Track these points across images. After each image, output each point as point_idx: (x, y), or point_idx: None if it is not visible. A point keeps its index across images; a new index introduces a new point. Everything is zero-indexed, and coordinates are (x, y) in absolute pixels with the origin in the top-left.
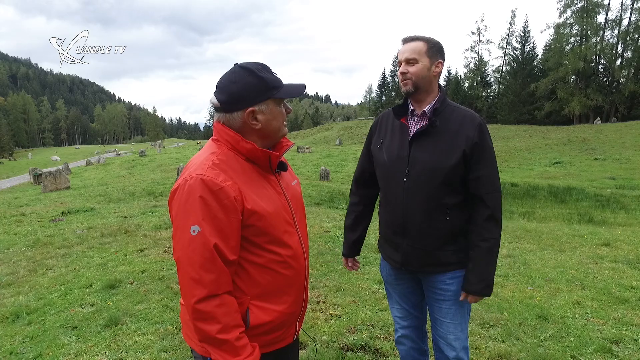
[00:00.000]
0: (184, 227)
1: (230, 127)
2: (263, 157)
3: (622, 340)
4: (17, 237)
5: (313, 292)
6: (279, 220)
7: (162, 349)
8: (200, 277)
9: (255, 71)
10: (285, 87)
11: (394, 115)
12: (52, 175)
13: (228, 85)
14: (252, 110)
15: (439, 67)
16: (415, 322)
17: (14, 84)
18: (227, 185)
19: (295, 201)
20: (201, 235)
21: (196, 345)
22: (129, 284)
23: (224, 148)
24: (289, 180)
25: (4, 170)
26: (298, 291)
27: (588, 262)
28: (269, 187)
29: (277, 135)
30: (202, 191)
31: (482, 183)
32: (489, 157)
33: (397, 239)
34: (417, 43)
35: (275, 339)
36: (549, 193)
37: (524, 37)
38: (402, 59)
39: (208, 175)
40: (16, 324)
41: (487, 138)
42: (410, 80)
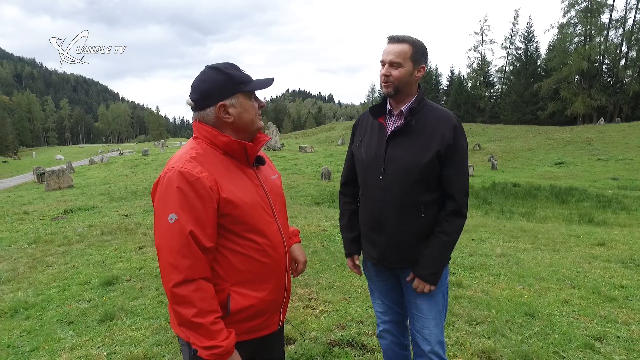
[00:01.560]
0: (162, 215)
1: (206, 123)
2: (239, 149)
3: (606, 337)
4: (19, 234)
5: (306, 289)
6: (256, 210)
7: (155, 343)
8: (177, 262)
9: (222, 69)
10: (253, 82)
11: (371, 115)
12: (56, 174)
13: (199, 85)
14: (223, 104)
15: (421, 72)
16: (396, 317)
17: (18, 83)
18: (203, 176)
19: (274, 193)
20: (178, 223)
21: (181, 332)
22: (126, 280)
23: (202, 143)
24: (269, 174)
25: (8, 169)
26: (278, 279)
27: (581, 262)
28: (246, 179)
29: (252, 128)
30: (180, 182)
31: (451, 181)
32: (461, 157)
33: (373, 235)
34: (403, 46)
35: (259, 326)
36: (551, 193)
37: (528, 37)
38: (387, 60)
39: (185, 167)
40: (14, 319)
41: (461, 139)
42: (392, 84)
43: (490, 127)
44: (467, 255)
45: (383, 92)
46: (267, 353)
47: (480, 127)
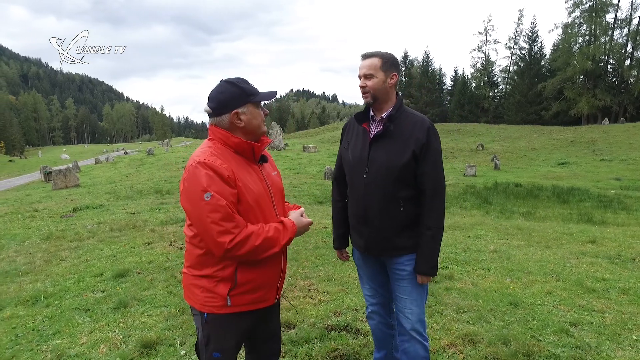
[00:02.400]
0: (199, 195)
1: (221, 127)
2: (248, 148)
3: (581, 323)
4: (32, 231)
5: (306, 281)
6: (262, 198)
7: (166, 328)
8: (224, 227)
9: (236, 83)
10: (260, 94)
11: (355, 121)
12: (62, 174)
13: (217, 96)
14: (236, 112)
15: (393, 79)
16: (382, 300)
17: (24, 83)
18: (224, 167)
19: (275, 187)
20: (214, 198)
21: (195, 303)
22: (137, 273)
23: (217, 144)
24: (270, 170)
25: (15, 168)
26: (277, 257)
27: (570, 258)
28: (253, 173)
29: (258, 132)
30: (206, 169)
31: (426, 178)
32: (434, 156)
33: (360, 227)
34: (372, 59)
35: (259, 299)
36: (552, 193)
37: (532, 36)
38: (361, 74)
39: (209, 159)
40: (36, 306)
41: (433, 139)
42: (369, 93)
43: (493, 127)
44: (460, 251)
45: (364, 102)
46: (265, 324)
47: (483, 127)
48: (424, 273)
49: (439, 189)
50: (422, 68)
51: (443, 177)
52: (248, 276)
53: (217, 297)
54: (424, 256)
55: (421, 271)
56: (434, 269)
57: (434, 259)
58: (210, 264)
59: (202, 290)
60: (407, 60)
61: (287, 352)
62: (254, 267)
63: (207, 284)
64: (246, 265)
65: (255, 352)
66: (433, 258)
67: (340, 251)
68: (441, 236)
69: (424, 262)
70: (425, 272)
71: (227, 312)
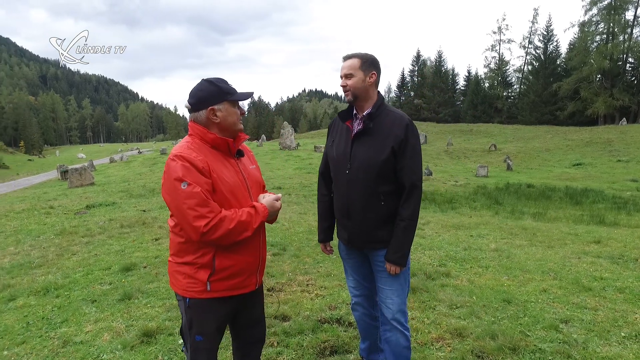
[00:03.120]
0: (176, 185)
1: (199, 123)
2: (223, 144)
3: (572, 320)
4: (46, 227)
5: (305, 277)
6: (237, 188)
7: (167, 318)
8: (199, 212)
9: (215, 82)
10: (237, 94)
11: (339, 119)
12: (78, 172)
13: (196, 93)
14: (212, 108)
15: (372, 77)
16: (366, 292)
17: (43, 84)
18: (199, 159)
19: (251, 179)
20: (190, 186)
21: (178, 289)
22: (143, 267)
23: (195, 139)
24: (248, 164)
25: (34, 166)
26: (254, 244)
27: (571, 257)
28: (229, 166)
29: (233, 129)
30: (182, 161)
31: (404, 172)
32: (412, 151)
33: (344, 220)
34: (352, 60)
35: (239, 284)
36: (565, 194)
37: (547, 35)
38: (342, 74)
39: (185, 152)
40: (46, 297)
41: (411, 135)
42: (350, 92)
43: (507, 128)
44: (461, 250)
45: (346, 100)
46: (248, 309)
47: (497, 128)
48: (392, 262)
49: (416, 183)
50: (434, 68)
51: (420, 172)
52: (225, 263)
53: (197, 283)
54: (393, 245)
55: (390, 259)
56: (403, 259)
57: (403, 248)
58: (190, 251)
59: (184, 276)
60: (419, 60)
61: (280, 342)
62: (232, 254)
63: (189, 270)
64: (224, 252)
65: (240, 339)
66: (403, 248)
67: (324, 244)
68: (414, 228)
69: (393, 250)
70: (394, 261)
71: (207, 297)
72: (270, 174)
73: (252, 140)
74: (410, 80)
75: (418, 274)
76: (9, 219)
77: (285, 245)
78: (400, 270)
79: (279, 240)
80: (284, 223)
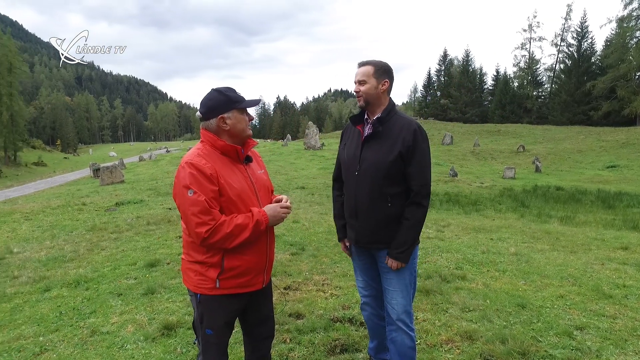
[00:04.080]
0: (184, 191)
1: (209, 131)
2: (232, 150)
3: (587, 327)
4: (79, 222)
5: (321, 276)
6: (244, 193)
7: (187, 313)
8: (202, 219)
9: (223, 92)
10: (245, 101)
11: (351, 123)
12: (109, 170)
13: (206, 102)
14: (222, 117)
15: (385, 85)
16: (374, 292)
17: (79, 85)
18: (207, 166)
19: (259, 183)
20: (196, 194)
21: (190, 285)
22: (167, 263)
23: (206, 145)
24: (256, 169)
25: (69, 164)
26: (261, 246)
27: (594, 263)
28: (238, 172)
29: (243, 135)
30: (191, 168)
31: (412, 177)
32: (420, 156)
33: (351, 220)
34: (366, 67)
35: (246, 283)
36: (597, 198)
37: (581, 32)
38: (355, 80)
39: (194, 160)
40: (77, 289)
41: (420, 141)
42: (362, 97)
43: (536, 128)
44: (479, 253)
45: (358, 106)
46: (256, 307)
47: (526, 128)
48: (392, 257)
49: (424, 187)
50: (462, 67)
51: (429, 176)
52: (234, 263)
53: (208, 280)
54: (396, 241)
55: (391, 254)
56: (404, 256)
57: (405, 245)
58: (201, 251)
59: (195, 273)
60: (446, 59)
61: (292, 339)
62: (239, 254)
63: (200, 268)
64: (232, 253)
65: (250, 335)
66: (405, 244)
67: (344, 242)
68: (419, 229)
69: (395, 245)
70: (394, 257)
71: (216, 293)
72: (294, 173)
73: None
74: (437, 80)
75: (433, 276)
76: (45, 214)
77: (304, 245)
78: (402, 267)
79: (298, 240)
80: (304, 223)
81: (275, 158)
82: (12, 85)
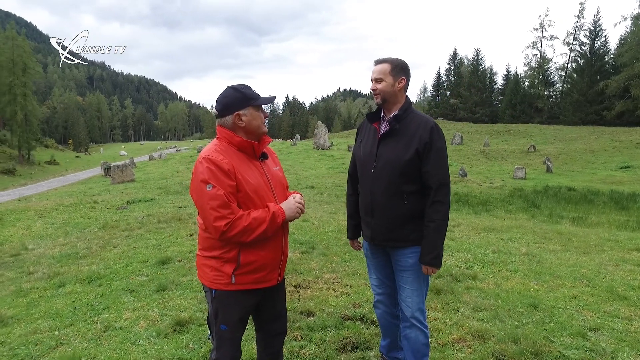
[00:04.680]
0: (202, 186)
1: (226, 127)
2: (248, 147)
3: (602, 328)
4: (91, 220)
5: (332, 275)
6: (261, 189)
7: (198, 310)
8: (221, 213)
9: (239, 89)
10: (260, 98)
11: (367, 120)
12: (120, 169)
13: (222, 100)
14: (238, 113)
15: (401, 83)
16: (388, 291)
17: (90, 85)
18: (225, 161)
19: (275, 180)
20: (214, 189)
21: (206, 281)
22: (177, 261)
23: (223, 142)
24: (272, 166)
25: (80, 163)
26: (276, 241)
27: (607, 264)
28: (254, 168)
29: (258, 132)
30: (209, 164)
31: (430, 175)
32: (437, 154)
33: (367, 218)
34: (383, 65)
35: (262, 279)
36: (610, 199)
37: (594, 31)
38: (372, 78)
39: (212, 155)
40: (90, 285)
41: (436, 139)
42: (379, 95)
43: (547, 128)
44: (490, 253)
45: (375, 103)
46: (270, 303)
47: (536, 128)
48: (426, 263)
49: (443, 185)
50: (471, 67)
51: (447, 173)
52: (250, 258)
53: (223, 276)
54: (426, 247)
55: (424, 261)
56: (436, 260)
57: (435, 250)
58: (217, 246)
59: (211, 269)
60: (456, 59)
61: (303, 336)
62: (255, 249)
63: (215, 264)
64: (248, 248)
65: (262, 331)
66: (435, 249)
67: (353, 241)
68: (444, 229)
69: (425, 252)
70: (428, 263)
71: (232, 289)
72: (303, 173)
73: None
74: (447, 80)
75: (444, 276)
76: (58, 212)
77: (314, 244)
78: (435, 272)
79: (308, 239)
80: (314, 222)
81: (284, 157)
82: (27, 86)
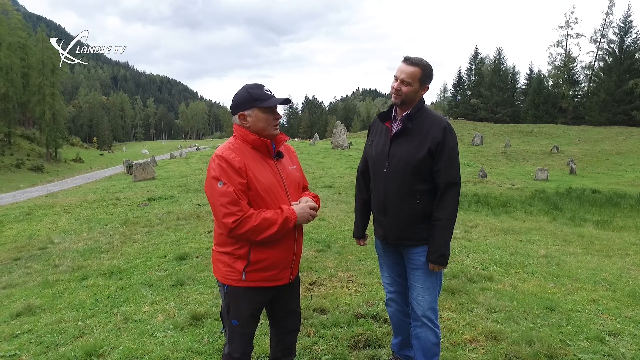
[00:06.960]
0: (214, 183)
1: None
2: (263, 145)
3: (622, 333)
4: (113, 216)
5: (346, 273)
6: (273, 188)
7: (214, 304)
8: (230, 209)
9: (248, 89)
10: (268, 100)
11: (379, 120)
12: (141, 167)
13: (233, 98)
14: (242, 114)
15: (424, 90)
16: (400, 289)
17: (114, 85)
18: (237, 159)
19: (289, 179)
20: (225, 185)
21: (219, 276)
22: (195, 257)
23: (238, 140)
24: (288, 165)
25: (104, 161)
26: (288, 241)
27: (631, 268)
28: (267, 167)
29: (263, 134)
30: (221, 161)
31: (441, 174)
32: (449, 154)
33: (380, 217)
34: (414, 68)
35: (273, 277)
36: (638, 202)
37: (624, 27)
38: (399, 77)
39: (225, 153)
40: (111, 279)
41: (449, 138)
42: (400, 97)
43: (572, 129)
44: (507, 254)
45: (392, 101)
46: (283, 301)
47: (560, 129)
48: (432, 262)
49: (453, 184)
50: (493, 66)
51: (457, 173)
52: (260, 256)
53: (234, 272)
54: (432, 245)
55: (430, 259)
56: (443, 259)
57: (441, 249)
58: (229, 243)
59: (224, 265)
60: (477, 58)
61: (316, 333)
62: (266, 248)
63: (228, 259)
64: (259, 246)
65: (276, 327)
66: (441, 248)
67: (359, 239)
68: (451, 228)
69: (432, 250)
70: (434, 261)
71: (243, 285)
72: (321, 172)
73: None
74: (467, 79)
75: (459, 276)
76: (82, 208)
77: (330, 243)
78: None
79: (324, 238)
80: (330, 221)
81: (303, 157)
82: (55, 86)
